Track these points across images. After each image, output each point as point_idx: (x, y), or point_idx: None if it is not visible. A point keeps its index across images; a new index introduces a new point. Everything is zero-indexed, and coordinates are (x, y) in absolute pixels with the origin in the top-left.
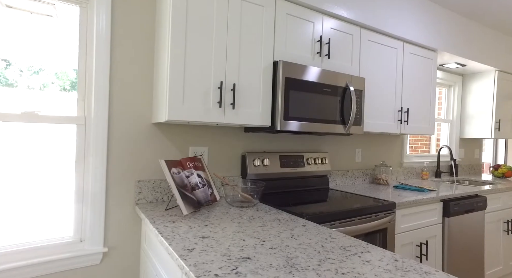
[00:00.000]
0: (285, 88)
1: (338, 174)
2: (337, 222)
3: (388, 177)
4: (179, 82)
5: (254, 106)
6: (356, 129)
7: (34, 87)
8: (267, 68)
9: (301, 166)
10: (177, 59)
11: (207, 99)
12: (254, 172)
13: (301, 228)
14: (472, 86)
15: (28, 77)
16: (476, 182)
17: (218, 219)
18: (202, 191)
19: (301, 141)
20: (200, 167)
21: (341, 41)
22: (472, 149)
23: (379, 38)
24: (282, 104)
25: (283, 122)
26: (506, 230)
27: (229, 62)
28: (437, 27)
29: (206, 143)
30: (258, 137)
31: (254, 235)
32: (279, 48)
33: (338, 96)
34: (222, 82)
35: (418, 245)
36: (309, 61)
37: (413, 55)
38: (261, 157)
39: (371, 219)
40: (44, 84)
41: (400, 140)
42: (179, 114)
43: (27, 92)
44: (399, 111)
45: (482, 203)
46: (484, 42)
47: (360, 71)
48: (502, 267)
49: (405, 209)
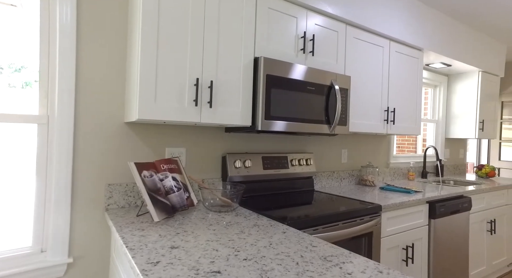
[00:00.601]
0: (266, 86)
1: (324, 175)
2: (320, 227)
3: (374, 178)
4: (151, 79)
5: (233, 105)
6: (341, 129)
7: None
8: (247, 65)
9: (285, 167)
10: (148, 53)
11: (182, 97)
12: (235, 174)
13: (281, 235)
14: (457, 86)
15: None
16: (461, 182)
17: (193, 226)
18: (177, 195)
19: (285, 141)
20: (176, 169)
21: (326, 38)
22: (457, 149)
23: (365, 36)
24: (263, 103)
25: (264, 122)
26: (489, 230)
27: (206, 57)
28: (423, 26)
29: (184, 143)
30: (239, 138)
31: (229, 244)
32: (261, 44)
33: (322, 95)
34: (199, 79)
35: (404, 248)
36: (292, 58)
37: (399, 54)
38: (242, 158)
39: (356, 223)
40: (7, 81)
41: (387, 140)
42: (151, 114)
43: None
44: (386, 111)
45: (467, 203)
46: (468, 42)
47: (345, 70)
48: (485, 267)
49: (391, 212)
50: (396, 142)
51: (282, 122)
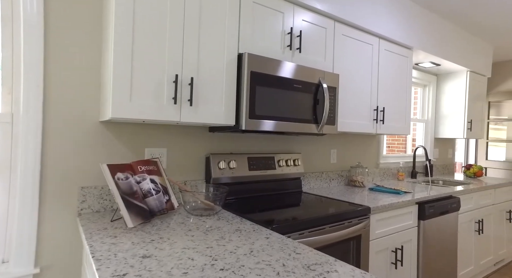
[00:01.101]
0: (250, 83)
1: (312, 176)
2: (306, 231)
3: (364, 178)
4: (125, 75)
5: (216, 104)
6: (329, 129)
7: None
8: (231, 62)
9: (271, 168)
10: (122, 47)
11: (160, 94)
12: (219, 176)
13: (263, 241)
14: (445, 86)
15: None
16: (450, 182)
17: (170, 231)
18: (155, 199)
19: (272, 142)
20: (155, 171)
21: (314, 34)
22: (446, 149)
23: (354, 33)
24: (248, 102)
25: (248, 121)
26: (477, 230)
27: (187, 53)
28: (413, 25)
29: (165, 144)
30: (224, 138)
31: (206, 251)
32: (245, 39)
33: (310, 93)
34: (178, 76)
35: (393, 251)
36: (278, 55)
37: (389, 52)
38: (227, 159)
39: (344, 226)
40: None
41: (377, 140)
42: (126, 112)
43: None
44: (375, 110)
45: (456, 204)
46: (457, 42)
47: (334, 67)
48: (473, 267)
49: (380, 214)
50: (386, 142)
51: (268, 122)
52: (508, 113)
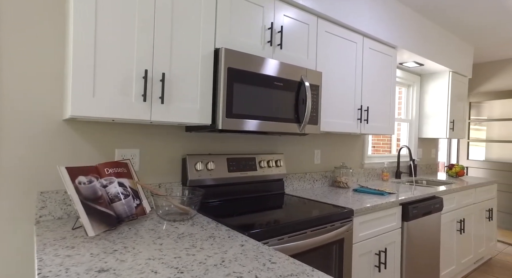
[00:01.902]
0: (228, 80)
1: (295, 177)
2: (285, 236)
3: (348, 179)
4: (87, 68)
5: (190, 101)
6: (312, 128)
7: None
8: (207, 57)
9: (252, 170)
10: (84, 37)
11: (128, 91)
12: (196, 178)
13: (238, 248)
14: (429, 86)
15: None
16: (433, 182)
17: (137, 240)
18: (123, 204)
19: (253, 142)
20: (125, 174)
21: (296, 31)
22: (429, 149)
23: (337, 30)
24: (224, 99)
25: (225, 121)
26: (459, 230)
27: (158, 47)
28: (397, 24)
29: (138, 144)
30: (202, 138)
31: (173, 262)
32: (222, 34)
33: (291, 91)
34: (147, 71)
35: (377, 254)
36: (258, 51)
37: (373, 51)
38: (205, 160)
39: (327, 230)
40: None
41: (361, 140)
42: (89, 109)
43: None
44: (359, 109)
45: (438, 204)
46: (439, 43)
47: (317, 65)
48: (455, 267)
49: (364, 216)
50: (372, 142)
51: (246, 121)
52: (488, 113)
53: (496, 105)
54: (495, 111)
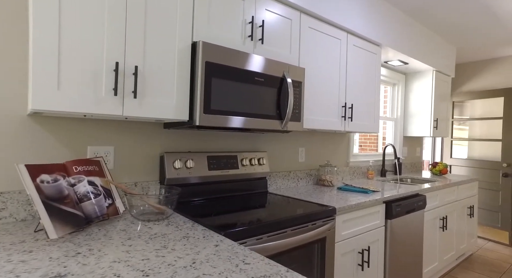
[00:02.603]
0: (205, 75)
1: (279, 176)
2: (264, 236)
3: (333, 177)
4: (51, 58)
5: (166, 96)
6: (294, 125)
7: None
8: (184, 50)
9: (234, 168)
10: (46, 23)
11: (98, 84)
12: (174, 176)
13: (211, 249)
14: (413, 85)
15: None
16: (417, 180)
17: (105, 241)
18: (93, 203)
19: (235, 139)
20: (96, 172)
21: (278, 25)
22: (414, 147)
23: (321, 26)
24: (202, 95)
25: (203, 117)
26: (441, 227)
27: (130, 38)
28: (382, 22)
29: (112, 141)
30: (181, 135)
31: (140, 265)
32: (200, 27)
33: (273, 87)
34: (118, 64)
35: (360, 252)
36: (238, 45)
37: (358, 48)
38: (184, 158)
39: (308, 229)
40: None
41: (347, 138)
42: (52, 103)
43: None
44: (343, 107)
45: (422, 202)
46: (423, 42)
47: (300, 61)
48: (437, 263)
49: (347, 214)
50: (359, 141)
51: (225, 117)
52: (470, 113)
53: (477, 104)
54: (477, 111)
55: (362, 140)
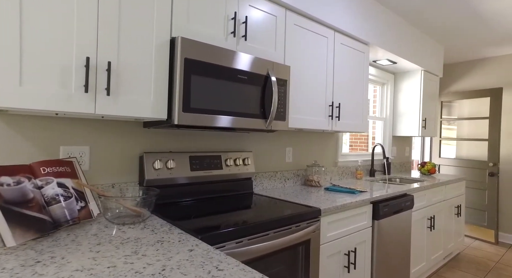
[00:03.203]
0: (185, 72)
1: (266, 176)
2: (245, 239)
3: (320, 177)
4: (10, 52)
5: (142, 94)
6: (279, 125)
7: None
8: (162, 46)
9: (218, 168)
10: (3, 15)
11: (67, 81)
12: (154, 177)
13: (185, 254)
14: (402, 84)
15: None
16: (406, 180)
17: (71, 247)
18: (63, 206)
19: (220, 139)
20: (68, 173)
21: (263, 22)
22: (403, 147)
23: (307, 23)
24: (181, 93)
25: (182, 115)
26: (429, 227)
27: (103, 32)
28: (370, 21)
29: (88, 141)
30: (162, 135)
31: (104, 273)
32: (180, 22)
33: (257, 85)
34: (90, 59)
35: (346, 254)
36: (221, 42)
37: (345, 46)
38: (164, 158)
39: (291, 231)
40: None
41: (335, 137)
42: (14, 100)
43: None
44: (330, 106)
45: (409, 202)
46: (412, 41)
47: (285, 59)
48: (425, 263)
49: (332, 215)
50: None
51: (206, 116)
52: (458, 113)
53: (465, 104)
54: (465, 111)
55: (353, 140)
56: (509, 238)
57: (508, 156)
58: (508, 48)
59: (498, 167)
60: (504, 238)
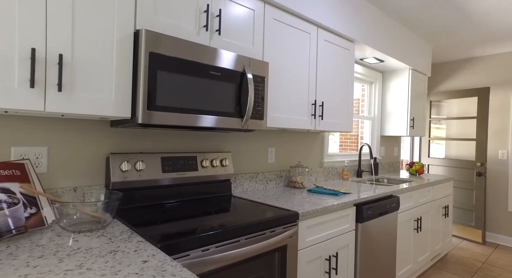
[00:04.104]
0: (149, 67)
1: (246, 178)
2: (212, 246)
3: (304, 179)
4: None
5: (102, 90)
6: (257, 124)
7: None
8: (124, 39)
9: (193, 170)
10: None
11: (8, 74)
12: (121, 179)
13: (136, 267)
14: (390, 83)
15: None
16: (394, 180)
17: (5, 262)
18: (6, 214)
19: (196, 139)
20: (17, 177)
21: (239, 16)
22: (392, 147)
23: (288, 18)
24: (146, 89)
25: (146, 114)
26: (416, 228)
27: (53, 21)
28: (355, 18)
29: (46, 141)
30: (132, 134)
31: None
32: (145, 13)
33: (232, 82)
34: (36, 50)
35: (327, 259)
36: (192, 36)
37: (329, 43)
38: (133, 159)
39: (265, 237)
40: None
41: (321, 137)
42: None
43: None
44: (313, 104)
45: (395, 203)
46: (399, 40)
47: (264, 56)
48: (412, 265)
49: (312, 219)
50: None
51: (174, 114)
52: (447, 112)
53: (454, 104)
54: (454, 110)
55: (343, 139)
56: (496, 238)
57: (495, 156)
58: (495, 47)
59: (485, 166)
60: (491, 238)
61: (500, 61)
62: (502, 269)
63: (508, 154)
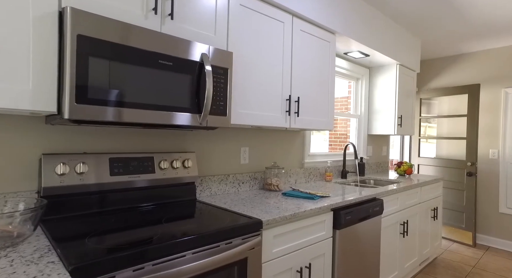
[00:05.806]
0: (78, 53)
1: (214, 180)
2: (148, 264)
3: (279, 181)
4: None
5: (15, 79)
6: (219, 121)
7: None
8: (45, 18)
9: (148, 172)
10: None
11: None
12: (55, 184)
13: None
14: (378, 80)
15: None
16: (380, 182)
17: None
18: None
19: (154, 138)
20: None
21: (198, 0)
22: (380, 146)
23: (257, 5)
24: (73, 79)
25: (75, 108)
26: (402, 233)
27: None
28: (337, 8)
29: None
30: (74, 132)
31: None
32: None
33: (188, 74)
34: None
35: (298, 271)
36: (139, 20)
37: (306, 34)
38: (73, 161)
39: (219, 250)
40: None
41: (301, 136)
42: None
43: None
44: (288, 100)
45: (378, 207)
46: (386, 33)
47: (229, 45)
48: (397, 272)
49: (280, 227)
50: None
51: (111, 109)
52: (438, 110)
53: (444, 101)
54: (444, 108)
55: (332, 139)
56: (486, 240)
57: (486, 155)
58: (484, 43)
59: (476, 166)
60: (482, 240)
61: (491, 57)
62: (493, 274)
63: (499, 153)
